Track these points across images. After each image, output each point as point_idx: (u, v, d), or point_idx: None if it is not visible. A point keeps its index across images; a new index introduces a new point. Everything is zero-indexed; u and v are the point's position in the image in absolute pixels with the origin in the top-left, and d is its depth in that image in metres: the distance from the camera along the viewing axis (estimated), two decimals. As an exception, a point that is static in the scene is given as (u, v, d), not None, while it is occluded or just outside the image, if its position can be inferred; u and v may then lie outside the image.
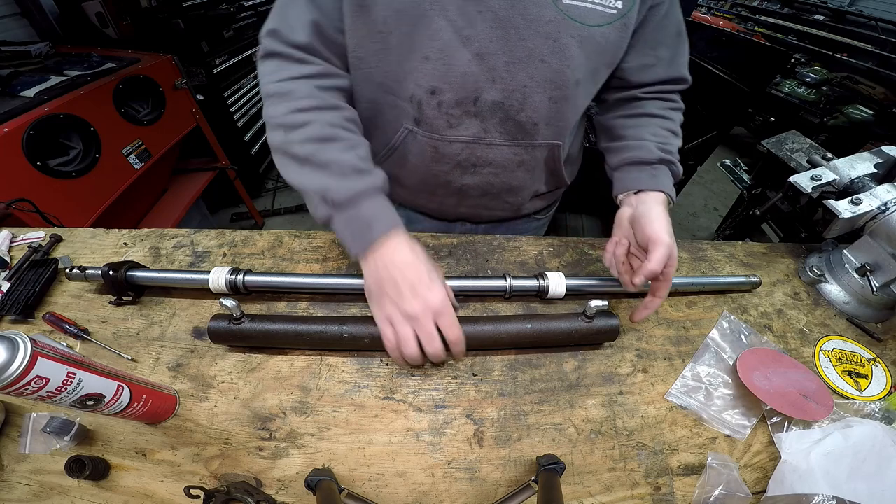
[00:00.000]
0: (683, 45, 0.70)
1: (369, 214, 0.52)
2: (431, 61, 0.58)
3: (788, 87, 3.96)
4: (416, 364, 0.53)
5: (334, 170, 0.52)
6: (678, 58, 0.70)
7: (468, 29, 0.56)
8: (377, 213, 0.53)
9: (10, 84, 1.30)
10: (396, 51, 0.59)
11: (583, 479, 0.51)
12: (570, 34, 0.57)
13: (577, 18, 0.56)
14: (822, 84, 3.86)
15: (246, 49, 2.69)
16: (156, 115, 1.68)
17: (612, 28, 0.59)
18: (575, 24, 0.57)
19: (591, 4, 0.56)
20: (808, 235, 1.14)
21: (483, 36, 0.56)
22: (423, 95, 0.61)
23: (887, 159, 0.73)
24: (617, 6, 0.57)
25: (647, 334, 0.66)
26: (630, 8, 0.58)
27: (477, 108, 0.63)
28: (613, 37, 0.60)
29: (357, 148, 0.56)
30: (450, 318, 0.50)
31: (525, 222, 0.92)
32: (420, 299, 0.49)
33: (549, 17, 0.56)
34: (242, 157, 2.68)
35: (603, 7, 0.57)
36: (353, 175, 0.53)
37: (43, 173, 1.23)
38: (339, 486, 0.46)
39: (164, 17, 2.07)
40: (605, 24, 0.58)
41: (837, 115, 3.63)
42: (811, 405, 0.55)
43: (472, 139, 0.65)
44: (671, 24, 0.66)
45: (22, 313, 0.61)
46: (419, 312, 0.49)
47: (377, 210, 0.53)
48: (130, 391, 0.46)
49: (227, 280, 0.62)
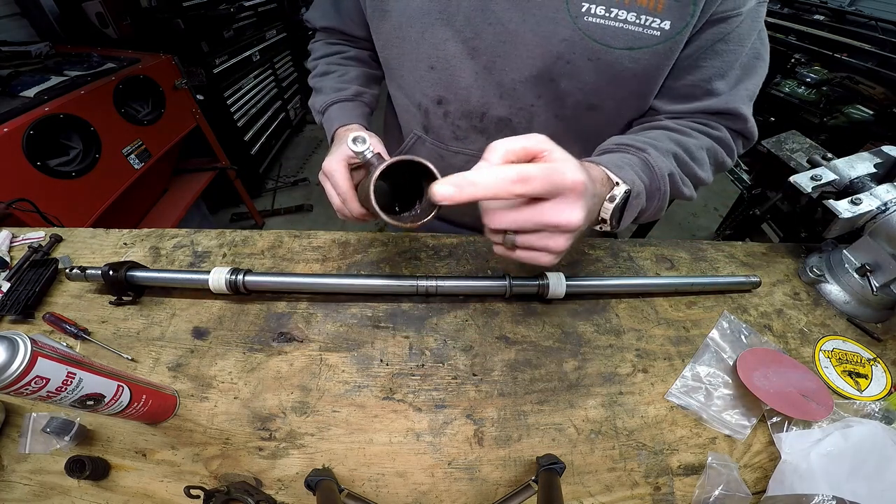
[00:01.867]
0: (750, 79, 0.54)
1: (333, 116, 0.68)
2: (437, 71, 0.58)
3: (788, 87, 3.96)
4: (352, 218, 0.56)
5: (323, 91, 0.71)
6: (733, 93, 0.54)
7: (475, 40, 0.54)
8: (337, 115, 0.68)
9: (10, 84, 1.30)
10: (409, 57, 0.59)
11: (583, 479, 0.51)
12: (588, 56, 0.50)
13: (598, 40, 0.49)
14: (822, 84, 3.86)
15: (246, 49, 2.69)
16: (156, 115, 1.68)
17: (649, 52, 0.49)
18: (595, 46, 0.49)
19: (622, 24, 0.47)
20: (808, 235, 1.14)
21: (490, 49, 0.53)
22: (430, 105, 0.62)
23: (887, 159, 0.73)
24: (663, 27, 0.47)
25: (647, 334, 0.66)
26: (681, 29, 0.47)
27: (484, 125, 0.61)
28: (649, 62, 0.50)
29: (344, 76, 0.72)
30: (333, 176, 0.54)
31: None
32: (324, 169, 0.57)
33: (564, 36, 0.50)
34: (242, 157, 2.69)
35: (640, 28, 0.47)
36: (331, 92, 0.70)
37: (43, 173, 1.23)
38: (339, 486, 0.46)
39: (164, 17, 2.07)
40: (642, 47, 0.49)
41: (837, 115, 3.63)
42: (811, 405, 0.55)
43: (477, 154, 0.63)
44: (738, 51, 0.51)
45: (22, 313, 0.61)
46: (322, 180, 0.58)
47: (337, 113, 0.68)
48: (130, 391, 0.46)
49: (227, 280, 0.62)
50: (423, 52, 0.57)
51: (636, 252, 0.79)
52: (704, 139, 0.57)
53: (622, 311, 0.69)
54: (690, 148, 0.54)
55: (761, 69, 0.55)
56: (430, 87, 0.61)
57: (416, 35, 0.56)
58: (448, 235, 0.80)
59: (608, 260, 0.77)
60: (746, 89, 0.55)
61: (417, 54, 0.58)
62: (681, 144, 0.54)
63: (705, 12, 0.47)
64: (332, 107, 0.68)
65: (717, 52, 0.51)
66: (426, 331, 0.64)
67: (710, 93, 0.54)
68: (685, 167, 0.54)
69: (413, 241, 0.78)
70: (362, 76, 0.74)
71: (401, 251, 0.76)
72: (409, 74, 0.62)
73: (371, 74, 0.76)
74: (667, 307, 0.70)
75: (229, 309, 0.65)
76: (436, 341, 0.63)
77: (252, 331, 0.63)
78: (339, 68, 0.73)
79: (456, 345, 0.62)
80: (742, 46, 0.51)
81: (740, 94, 0.55)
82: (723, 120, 0.58)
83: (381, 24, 0.59)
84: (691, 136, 0.56)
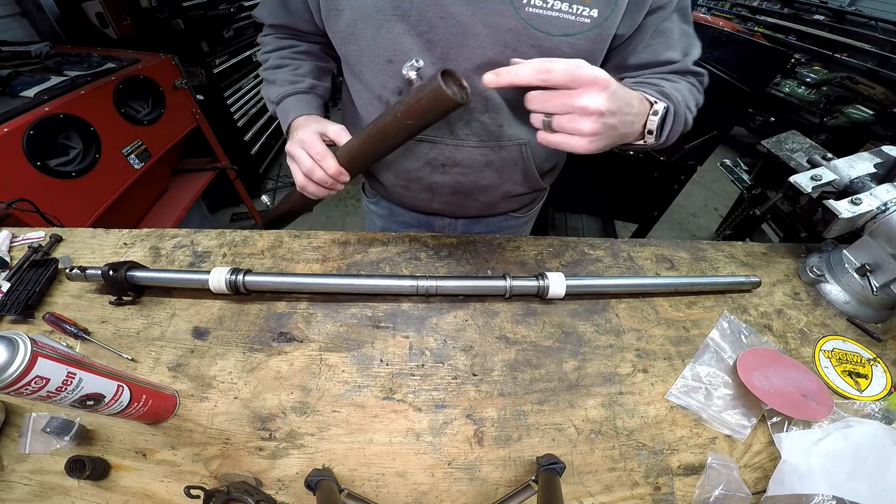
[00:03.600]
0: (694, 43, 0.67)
1: (289, 108, 0.72)
2: (395, 64, 0.61)
3: (788, 87, 3.97)
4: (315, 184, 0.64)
5: (277, 83, 0.75)
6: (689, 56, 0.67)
7: (429, 34, 0.57)
8: (293, 106, 0.72)
9: (10, 84, 1.30)
10: (366, 52, 0.62)
11: (583, 479, 0.51)
12: (531, 44, 0.56)
13: (539, 28, 0.55)
14: (822, 84, 3.87)
15: (246, 49, 2.69)
16: (156, 115, 1.68)
17: (583, 38, 0.56)
18: (536, 34, 0.55)
19: (558, 13, 0.54)
20: (808, 235, 1.14)
21: (444, 41, 0.58)
22: (391, 96, 0.66)
23: (887, 159, 0.73)
24: (591, 15, 0.54)
25: (647, 334, 0.66)
26: (607, 17, 0.55)
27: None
28: (584, 47, 0.58)
29: (298, 69, 0.76)
30: (309, 142, 0.62)
31: (503, 220, 0.94)
32: (296, 140, 0.64)
33: (510, 26, 0.55)
34: (242, 157, 2.69)
35: (573, 16, 0.54)
36: (286, 85, 0.74)
37: (43, 173, 1.23)
38: (339, 486, 0.46)
39: (164, 17, 2.07)
40: (576, 33, 0.56)
41: (837, 115, 3.63)
42: (811, 405, 0.55)
43: (439, 139, 0.69)
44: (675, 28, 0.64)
45: (22, 313, 0.61)
46: (290, 146, 0.66)
47: (294, 105, 0.73)
48: (130, 391, 0.46)
49: (227, 280, 0.62)
50: (380, 46, 0.60)
51: (636, 252, 0.79)
52: (684, 83, 0.68)
53: (622, 311, 0.69)
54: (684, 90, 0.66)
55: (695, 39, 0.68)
56: (390, 79, 0.63)
57: (372, 31, 0.59)
58: (448, 236, 0.80)
59: (608, 260, 0.78)
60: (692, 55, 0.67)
61: (375, 49, 0.61)
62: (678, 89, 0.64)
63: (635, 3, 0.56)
64: (287, 98, 0.73)
65: (662, 32, 0.62)
66: (426, 331, 0.64)
67: (669, 62, 0.65)
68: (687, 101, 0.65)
69: (413, 241, 0.78)
70: (315, 69, 0.78)
71: (401, 251, 0.76)
72: (368, 69, 0.65)
73: (323, 67, 0.81)
74: (667, 307, 0.70)
75: (229, 309, 0.65)
76: (436, 341, 0.63)
77: (252, 331, 0.63)
78: (291, 62, 0.77)
79: (456, 345, 0.62)
80: (674, 23, 0.63)
81: (692, 58, 0.67)
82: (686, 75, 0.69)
83: (336, 22, 0.62)
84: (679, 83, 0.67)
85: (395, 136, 0.58)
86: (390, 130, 0.57)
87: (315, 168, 0.62)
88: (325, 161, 0.61)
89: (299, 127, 0.67)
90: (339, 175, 0.63)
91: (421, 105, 0.51)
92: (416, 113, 0.53)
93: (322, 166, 0.61)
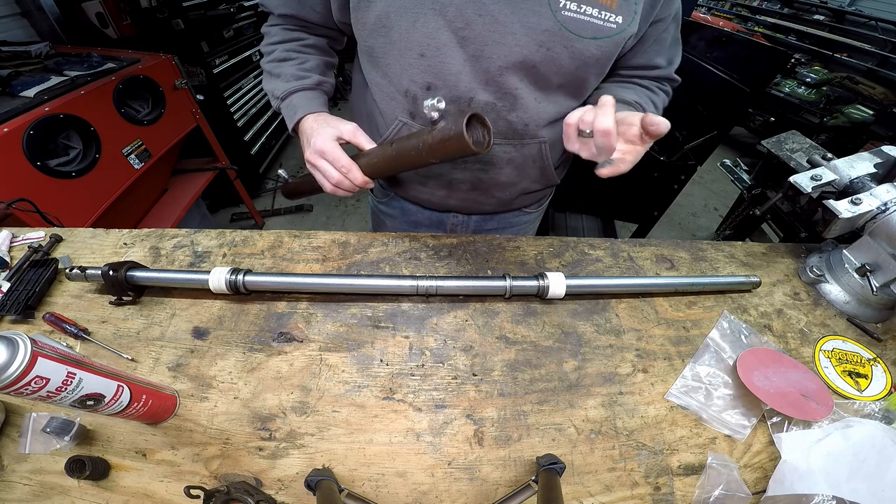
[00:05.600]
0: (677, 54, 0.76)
1: (296, 104, 0.71)
2: (427, 58, 0.62)
3: (788, 87, 3.97)
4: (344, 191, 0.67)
5: (283, 77, 0.73)
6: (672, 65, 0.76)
7: (466, 30, 0.58)
8: (301, 103, 0.71)
9: (10, 84, 1.30)
10: (397, 45, 0.62)
11: (583, 479, 0.51)
12: (564, 45, 0.59)
13: (573, 30, 0.58)
14: (822, 84, 3.87)
15: (246, 49, 2.69)
16: (156, 115, 1.68)
17: (609, 42, 0.60)
18: (570, 36, 0.58)
19: (590, 18, 0.57)
20: (808, 235, 1.14)
21: (480, 38, 0.59)
22: (419, 91, 0.66)
23: (887, 159, 0.73)
24: (617, 21, 0.59)
25: (647, 334, 0.66)
26: (629, 23, 0.59)
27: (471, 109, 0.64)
28: (608, 49, 0.62)
29: (304, 63, 0.75)
30: (331, 153, 0.64)
31: (516, 215, 0.94)
32: (310, 147, 0.66)
33: (546, 27, 0.58)
34: (242, 157, 2.69)
35: (601, 21, 0.58)
36: (292, 80, 0.73)
37: (43, 173, 1.23)
38: (339, 486, 0.46)
39: (164, 17, 2.07)
40: (603, 37, 0.59)
41: (837, 115, 3.63)
42: (811, 405, 0.55)
43: None
44: (669, 37, 0.71)
45: (22, 313, 0.61)
46: (310, 155, 0.67)
47: (301, 101, 0.72)
48: (130, 391, 0.46)
49: (227, 280, 0.62)
50: (413, 40, 0.61)
51: (636, 252, 0.79)
52: (661, 94, 0.78)
53: (622, 311, 0.69)
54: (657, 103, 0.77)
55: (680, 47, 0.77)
56: (420, 74, 0.64)
57: (407, 24, 0.60)
58: (448, 236, 0.80)
59: (608, 260, 0.77)
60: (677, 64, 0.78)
61: (407, 42, 0.61)
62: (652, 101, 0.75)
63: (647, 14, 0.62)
64: (294, 94, 0.72)
65: (658, 40, 0.70)
66: (426, 331, 0.64)
67: (656, 66, 0.74)
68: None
69: (413, 241, 0.78)
70: (321, 64, 0.78)
71: (401, 251, 0.76)
72: (397, 62, 0.65)
73: (329, 62, 0.80)
74: (667, 307, 0.70)
75: (229, 309, 0.65)
76: (436, 341, 0.63)
77: (252, 331, 0.63)
78: (298, 56, 0.75)
79: (456, 345, 0.62)
80: (670, 33, 0.71)
81: (674, 67, 0.77)
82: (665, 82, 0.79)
83: (365, 13, 0.62)
84: (657, 94, 0.77)
85: (416, 164, 0.61)
86: (412, 159, 0.59)
87: (343, 180, 0.65)
88: (352, 173, 0.64)
89: (312, 130, 0.67)
90: (366, 185, 0.66)
91: (444, 148, 0.54)
92: (438, 154, 0.56)
93: (349, 178, 0.64)
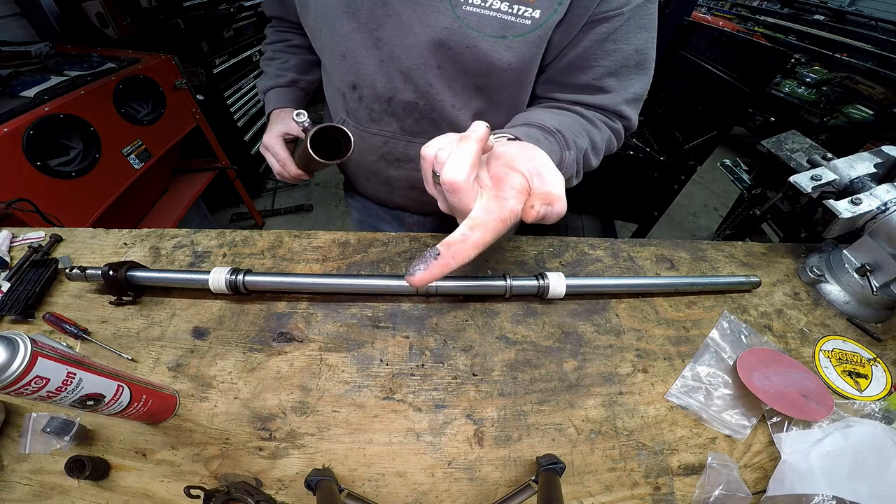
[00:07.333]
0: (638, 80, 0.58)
1: (269, 99, 0.83)
2: (347, 59, 0.63)
3: (788, 87, 3.96)
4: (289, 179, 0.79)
5: (267, 75, 0.84)
6: (623, 93, 0.58)
7: (379, 31, 0.58)
8: (273, 99, 0.82)
9: (10, 84, 1.30)
10: (327, 47, 0.65)
11: (583, 479, 0.51)
12: (466, 44, 0.53)
13: (475, 27, 0.52)
14: (822, 84, 3.87)
15: (246, 49, 2.69)
16: (156, 115, 1.68)
17: (521, 41, 0.52)
18: (471, 34, 0.52)
19: (496, 13, 0.50)
20: (808, 235, 1.14)
21: (390, 39, 0.58)
22: (347, 90, 0.68)
23: (887, 159, 0.73)
24: (533, 16, 0.50)
25: (647, 334, 0.66)
26: (550, 16, 0.50)
27: (392, 108, 0.66)
28: (522, 51, 0.53)
29: (285, 63, 0.84)
30: (273, 147, 0.76)
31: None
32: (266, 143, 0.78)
33: (445, 24, 0.52)
34: (242, 157, 2.69)
35: (512, 17, 0.50)
36: (273, 78, 0.83)
37: (43, 173, 1.23)
38: (339, 486, 0.46)
39: (164, 17, 2.07)
40: (513, 36, 0.52)
41: (837, 115, 3.63)
42: (811, 405, 0.55)
43: (392, 135, 0.71)
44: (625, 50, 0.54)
45: (22, 313, 0.61)
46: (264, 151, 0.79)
47: (273, 97, 0.83)
48: (130, 391, 0.46)
49: (227, 280, 0.62)
50: (335, 42, 0.63)
51: (636, 252, 0.79)
52: (606, 131, 0.61)
53: (622, 311, 0.69)
54: (596, 140, 0.59)
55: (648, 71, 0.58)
56: (345, 74, 0.66)
57: (329, 27, 0.62)
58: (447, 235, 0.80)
59: (608, 260, 0.77)
60: (633, 93, 0.59)
61: (332, 45, 0.64)
62: (590, 135, 0.58)
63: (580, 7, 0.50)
64: (270, 91, 0.83)
65: (606, 51, 0.54)
66: (426, 331, 0.64)
67: (602, 90, 0.58)
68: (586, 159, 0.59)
69: (413, 241, 0.78)
70: (301, 63, 0.85)
71: (401, 251, 0.76)
72: (329, 63, 0.69)
73: (311, 61, 0.86)
74: (667, 307, 0.70)
75: (229, 309, 0.65)
76: (436, 341, 0.63)
77: (252, 331, 0.63)
78: (282, 55, 0.85)
79: (456, 345, 0.62)
80: (629, 45, 0.54)
81: (627, 96, 0.59)
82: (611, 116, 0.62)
83: (305, 17, 0.66)
84: (599, 128, 0.60)
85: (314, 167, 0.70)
86: (308, 162, 0.66)
87: (282, 171, 0.77)
88: (287, 167, 0.76)
89: (271, 122, 0.79)
90: (300, 177, 0.78)
91: (308, 157, 0.57)
92: (309, 161, 0.59)
93: (286, 170, 0.77)
